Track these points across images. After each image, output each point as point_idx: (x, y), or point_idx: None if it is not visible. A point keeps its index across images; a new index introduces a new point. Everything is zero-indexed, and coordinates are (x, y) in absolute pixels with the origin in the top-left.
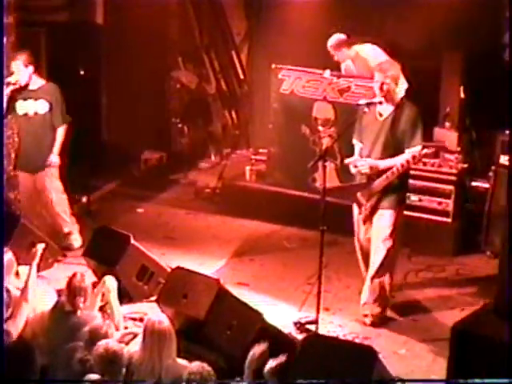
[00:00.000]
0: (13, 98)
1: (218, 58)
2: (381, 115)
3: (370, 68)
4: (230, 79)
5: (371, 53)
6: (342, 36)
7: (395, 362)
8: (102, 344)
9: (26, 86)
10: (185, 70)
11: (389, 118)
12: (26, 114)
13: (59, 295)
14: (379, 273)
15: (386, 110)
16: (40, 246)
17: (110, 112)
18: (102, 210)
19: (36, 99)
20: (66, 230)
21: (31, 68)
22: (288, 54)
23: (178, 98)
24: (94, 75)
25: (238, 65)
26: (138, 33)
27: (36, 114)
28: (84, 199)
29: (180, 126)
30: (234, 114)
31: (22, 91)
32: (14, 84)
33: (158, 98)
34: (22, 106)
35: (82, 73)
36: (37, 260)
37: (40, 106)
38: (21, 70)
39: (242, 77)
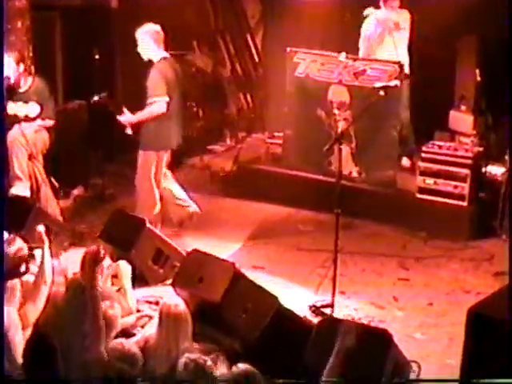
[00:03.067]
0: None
1: (232, 41)
2: None
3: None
4: (244, 62)
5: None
6: None
7: (410, 345)
8: (117, 344)
9: (18, 86)
10: (200, 53)
11: None
12: (16, 117)
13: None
14: None
15: None
16: (41, 228)
17: (124, 96)
18: (117, 193)
19: (26, 101)
20: None
21: (22, 66)
22: (303, 37)
23: (193, 82)
24: (108, 59)
25: (252, 48)
26: (152, 16)
27: (27, 116)
28: (99, 183)
29: (195, 109)
30: (249, 97)
31: (13, 91)
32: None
33: None
34: (12, 109)
35: (96, 57)
36: (47, 242)
37: (30, 109)
38: (11, 67)
39: (257, 60)
